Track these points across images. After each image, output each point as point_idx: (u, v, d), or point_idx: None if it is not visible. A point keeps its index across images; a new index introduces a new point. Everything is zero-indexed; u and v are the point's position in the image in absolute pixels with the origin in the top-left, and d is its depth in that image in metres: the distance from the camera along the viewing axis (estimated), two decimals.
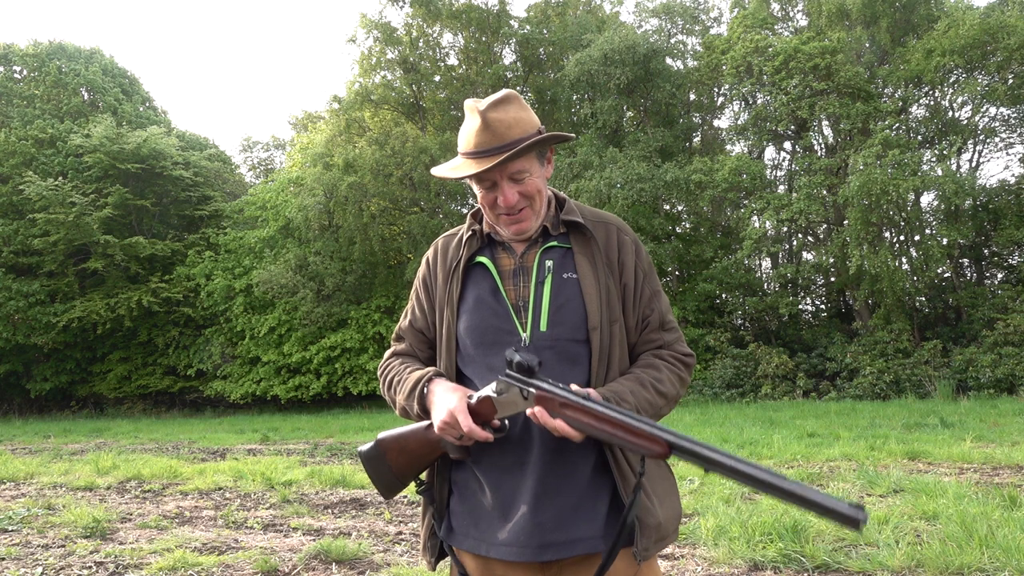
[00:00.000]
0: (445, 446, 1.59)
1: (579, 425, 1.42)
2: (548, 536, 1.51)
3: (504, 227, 1.63)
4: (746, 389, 15.93)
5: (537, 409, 1.43)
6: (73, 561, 4.52)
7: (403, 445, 1.65)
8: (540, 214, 1.64)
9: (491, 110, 1.55)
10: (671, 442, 1.36)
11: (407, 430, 1.66)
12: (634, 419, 1.39)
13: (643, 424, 1.38)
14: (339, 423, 15.15)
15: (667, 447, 1.37)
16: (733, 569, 3.87)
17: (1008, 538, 3.78)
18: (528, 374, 1.45)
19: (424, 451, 1.63)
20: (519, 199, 1.58)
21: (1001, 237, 16.32)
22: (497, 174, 1.56)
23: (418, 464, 1.65)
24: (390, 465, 1.66)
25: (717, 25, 22.58)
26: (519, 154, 1.53)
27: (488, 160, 1.53)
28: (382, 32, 21.18)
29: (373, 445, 1.69)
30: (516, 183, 1.57)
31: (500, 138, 1.53)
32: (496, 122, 1.54)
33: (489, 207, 1.61)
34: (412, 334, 1.80)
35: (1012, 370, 13.47)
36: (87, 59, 24.99)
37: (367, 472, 1.70)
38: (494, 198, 1.58)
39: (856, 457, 7.08)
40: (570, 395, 1.42)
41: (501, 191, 1.57)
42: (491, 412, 1.51)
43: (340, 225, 19.34)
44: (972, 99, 16.83)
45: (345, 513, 5.74)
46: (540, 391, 1.44)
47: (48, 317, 21.37)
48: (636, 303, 1.65)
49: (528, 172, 1.58)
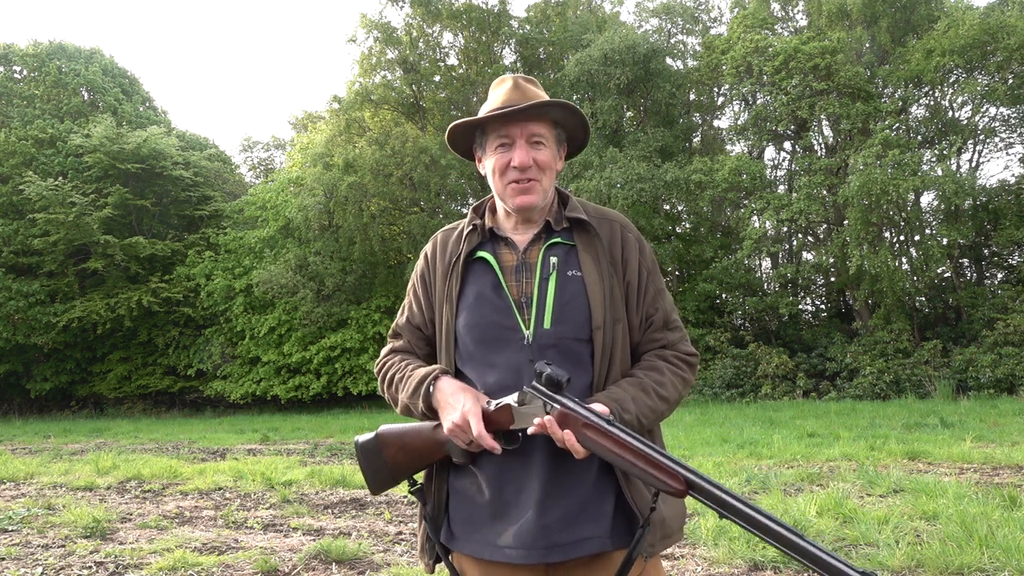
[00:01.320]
0: (450, 449, 1.56)
1: (597, 448, 1.40)
2: (555, 537, 1.49)
3: (511, 197, 1.60)
4: (746, 389, 15.93)
5: (548, 420, 1.41)
6: (73, 561, 4.52)
7: (405, 442, 1.61)
8: (547, 193, 1.63)
9: (522, 80, 1.63)
10: (690, 480, 1.34)
11: (411, 427, 1.62)
12: (655, 451, 1.38)
13: (664, 458, 1.37)
14: (339, 423, 15.15)
15: (685, 485, 1.35)
16: (733, 569, 3.87)
17: (1008, 538, 3.78)
18: (556, 389, 1.43)
19: (426, 451, 1.59)
20: (532, 164, 1.58)
21: (1001, 237, 16.32)
22: (517, 130, 1.57)
23: (416, 463, 1.62)
24: (386, 460, 1.62)
25: (717, 25, 22.60)
26: (547, 106, 1.58)
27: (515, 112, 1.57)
28: (382, 32, 21.17)
29: (372, 437, 1.65)
30: (533, 148, 1.58)
31: (529, 98, 1.59)
32: (526, 87, 1.62)
33: (500, 172, 1.60)
34: (410, 331, 1.77)
35: (1012, 370, 13.47)
36: (87, 59, 24.97)
37: (360, 464, 1.67)
38: (508, 160, 1.58)
39: (856, 457, 7.08)
40: (593, 417, 1.40)
41: (517, 149, 1.57)
42: (508, 421, 1.48)
43: (340, 225, 19.34)
44: (972, 99, 16.83)
45: (345, 513, 5.74)
46: (564, 408, 1.42)
47: (48, 317, 21.36)
48: (640, 302, 1.63)
49: (545, 142, 1.60)
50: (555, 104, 1.58)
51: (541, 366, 1.44)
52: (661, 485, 1.36)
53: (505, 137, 1.58)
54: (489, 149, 1.62)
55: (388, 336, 1.84)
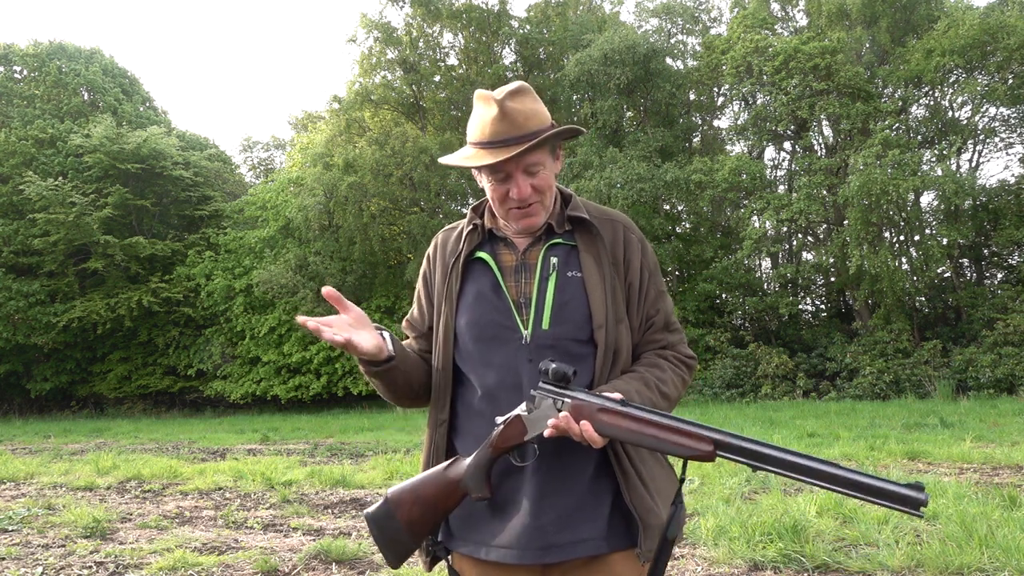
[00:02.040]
0: (465, 486, 1.49)
1: (617, 432, 1.37)
2: (551, 538, 1.49)
3: (513, 221, 1.59)
4: (746, 389, 15.93)
5: (562, 417, 1.40)
6: (73, 561, 4.52)
7: (417, 495, 1.52)
8: (549, 208, 1.61)
9: (508, 99, 1.51)
10: (717, 440, 1.33)
11: (420, 477, 1.55)
12: (677, 419, 1.37)
13: (687, 424, 1.36)
14: (339, 423, 15.15)
15: (714, 446, 1.33)
16: (733, 569, 3.87)
17: (1008, 538, 3.78)
18: (563, 383, 1.42)
19: (442, 496, 1.51)
20: (532, 192, 1.54)
21: (1001, 237, 16.31)
22: (513, 166, 1.51)
23: (434, 514, 1.52)
24: (401, 523, 1.51)
25: (717, 25, 22.60)
26: (538, 145, 1.50)
27: (506, 151, 1.48)
28: (382, 32, 21.17)
29: (382, 504, 1.54)
30: (530, 176, 1.54)
31: (519, 128, 1.50)
32: (514, 112, 1.50)
33: (500, 201, 1.57)
34: (409, 328, 1.80)
35: (1012, 370, 13.47)
36: (87, 59, 24.97)
37: (373, 536, 1.55)
38: (506, 191, 1.54)
39: (856, 457, 7.08)
40: (607, 402, 1.39)
41: (515, 183, 1.52)
42: (521, 434, 1.45)
43: (340, 225, 19.35)
44: (972, 99, 16.83)
45: (345, 513, 5.74)
46: (576, 401, 1.40)
47: (48, 317, 21.36)
48: (641, 303, 1.63)
49: (542, 165, 1.55)
50: (546, 139, 1.51)
51: (545, 364, 1.43)
52: (690, 451, 1.34)
53: (499, 172, 1.53)
54: (484, 175, 1.59)
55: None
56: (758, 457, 1.29)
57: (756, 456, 1.30)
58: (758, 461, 1.29)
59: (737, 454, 1.31)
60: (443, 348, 1.64)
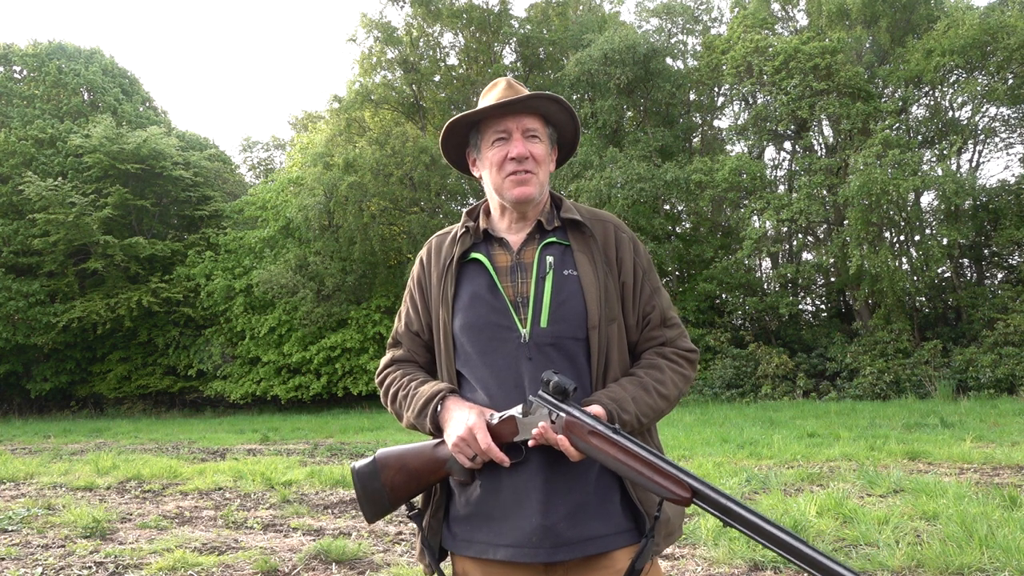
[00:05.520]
0: (451, 467, 1.54)
1: (602, 456, 1.40)
2: (561, 536, 1.49)
3: (509, 189, 1.62)
4: (746, 389, 15.93)
5: (542, 426, 1.42)
6: (73, 561, 4.52)
7: (404, 463, 1.57)
8: (543, 188, 1.66)
9: (512, 80, 1.70)
10: (696, 488, 1.35)
11: (410, 447, 1.60)
12: (661, 459, 1.39)
13: (669, 466, 1.38)
14: (339, 423, 15.15)
15: (691, 493, 1.35)
16: (733, 569, 3.87)
17: (1008, 538, 3.78)
18: (563, 397, 1.43)
19: (426, 470, 1.57)
20: (529, 156, 1.61)
21: (1001, 237, 16.31)
22: (513, 124, 1.62)
23: (416, 484, 1.58)
24: (384, 484, 1.58)
25: (717, 25, 22.60)
26: (542, 100, 1.62)
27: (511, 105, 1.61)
28: (382, 32, 21.18)
29: (370, 461, 1.60)
30: (528, 141, 1.62)
31: (522, 93, 1.66)
32: (518, 87, 1.68)
33: (498, 166, 1.63)
34: (408, 338, 1.77)
35: (1012, 370, 13.47)
36: (87, 59, 24.97)
37: (356, 490, 1.61)
38: (505, 153, 1.61)
39: (856, 457, 7.08)
40: (599, 426, 1.41)
41: (514, 142, 1.61)
42: (512, 433, 1.48)
43: (340, 225, 19.34)
44: (972, 99, 16.83)
45: (345, 513, 5.74)
46: (570, 417, 1.42)
47: (48, 317, 21.36)
48: (636, 301, 1.64)
49: (540, 137, 1.64)
50: (548, 97, 1.63)
51: (548, 374, 1.44)
52: (666, 493, 1.37)
53: (502, 132, 1.62)
54: (485, 146, 1.65)
55: (388, 345, 1.83)
56: (731, 515, 1.32)
57: (729, 513, 1.32)
58: (731, 519, 1.32)
59: (712, 507, 1.34)
60: (444, 354, 1.65)
